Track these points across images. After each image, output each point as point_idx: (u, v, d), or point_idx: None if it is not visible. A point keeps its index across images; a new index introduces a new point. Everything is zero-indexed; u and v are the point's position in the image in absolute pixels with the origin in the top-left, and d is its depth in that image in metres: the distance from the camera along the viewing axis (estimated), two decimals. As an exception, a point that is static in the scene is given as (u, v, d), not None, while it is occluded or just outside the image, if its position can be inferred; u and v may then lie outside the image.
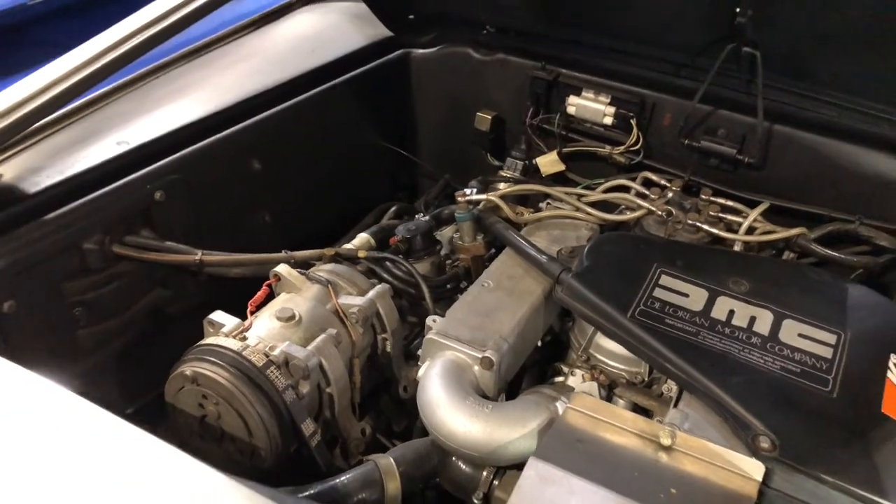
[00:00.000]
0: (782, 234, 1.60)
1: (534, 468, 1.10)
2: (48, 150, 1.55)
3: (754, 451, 1.14)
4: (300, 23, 2.26)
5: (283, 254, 1.54)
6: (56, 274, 1.46)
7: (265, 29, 2.21)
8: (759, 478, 1.11)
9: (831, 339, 1.32)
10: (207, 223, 1.70)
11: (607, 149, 1.91)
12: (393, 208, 1.94)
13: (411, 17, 2.09)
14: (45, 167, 1.49)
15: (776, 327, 1.34)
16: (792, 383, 1.25)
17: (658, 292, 1.39)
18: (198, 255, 1.54)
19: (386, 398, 1.51)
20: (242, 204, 1.80)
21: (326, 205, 2.00)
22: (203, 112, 1.70)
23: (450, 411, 1.23)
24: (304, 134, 1.91)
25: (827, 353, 1.30)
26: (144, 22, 1.60)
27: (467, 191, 1.67)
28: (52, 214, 1.43)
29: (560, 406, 1.25)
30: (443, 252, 1.71)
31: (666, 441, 1.15)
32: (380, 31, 2.15)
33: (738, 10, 1.53)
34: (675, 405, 1.26)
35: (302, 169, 1.93)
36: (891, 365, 1.29)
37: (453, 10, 2.04)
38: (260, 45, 2.10)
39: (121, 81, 1.81)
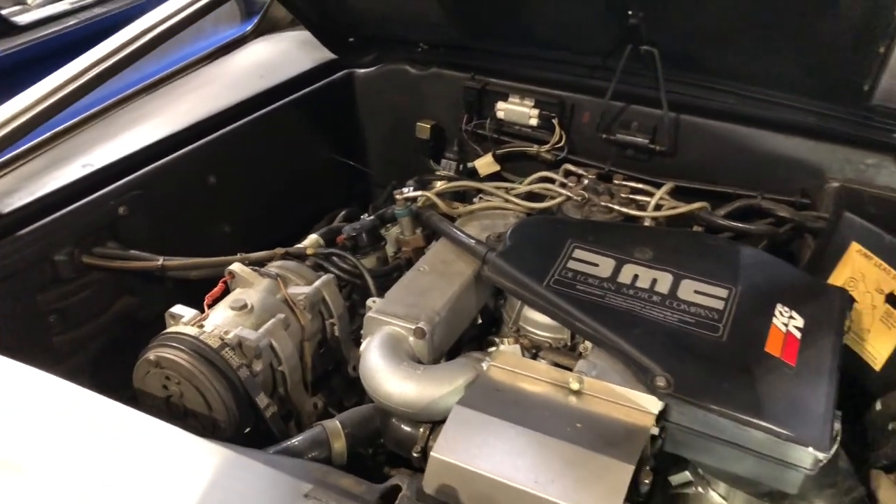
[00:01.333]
0: (684, 208, 1.79)
1: (457, 413, 1.27)
2: (19, 177, 1.71)
3: (652, 390, 1.30)
4: (252, 52, 2.45)
5: (238, 255, 1.70)
6: (31, 284, 1.62)
7: (220, 60, 2.39)
8: (656, 412, 1.28)
9: (723, 293, 1.49)
10: (169, 235, 1.85)
11: (535, 148, 2.10)
12: (342, 213, 2.11)
13: (352, 39, 2.27)
14: (16, 190, 1.65)
15: (675, 287, 1.51)
16: (687, 332, 1.41)
17: (571, 264, 1.56)
18: (160, 260, 1.70)
19: (337, 378, 1.67)
20: (201, 216, 1.96)
21: (282, 215, 2.17)
22: (161, 134, 1.87)
23: (386, 375, 1.39)
24: (256, 150, 2.07)
25: (719, 305, 1.47)
26: (104, 54, 1.79)
27: (405, 189, 1.85)
28: (24, 230, 1.59)
29: (485, 365, 1.41)
30: (389, 248, 1.88)
31: (575, 386, 1.31)
32: (325, 54, 2.34)
33: (629, 12, 1.72)
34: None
35: (257, 182, 2.09)
36: (776, 312, 1.47)
37: (390, 32, 2.23)
38: (214, 74, 2.28)
39: (85, 115, 1.97)
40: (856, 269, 1.73)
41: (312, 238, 1.81)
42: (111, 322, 1.78)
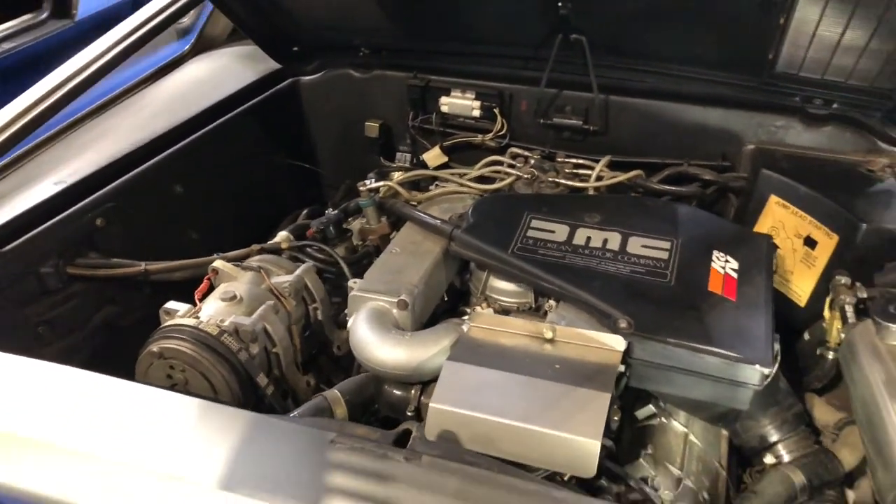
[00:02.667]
0: (623, 177, 1.98)
1: (448, 367, 1.41)
2: None
3: (616, 332, 1.47)
4: (196, 69, 2.53)
5: (216, 255, 1.80)
6: (20, 298, 1.68)
7: (163, 79, 2.46)
8: (622, 349, 1.44)
9: (666, 245, 1.68)
10: (143, 243, 1.93)
11: (480, 137, 2.26)
12: (304, 212, 2.22)
13: (296, 49, 2.39)
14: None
15: (624, 244, 1.69)
16: (639, 280, 1.59)
17: (530, 233, 1.73)
18: (142, 265, 1.79)
19: (324, 358, 1.78)
20: (171, 224, 2.05)
21: (244, 219, 2.26)
22: (126, 149, 1.95)
23: (378, 344, 1.53)
24: (215, 160, 2.16)
25: (664, 255, 1.66)
26: (64, 77, 1.86)
27: (367, 181, 1.98)
28: (9, 246, 1.66)
29: (466, 327, 1.55)
30: (354, 240, 2.00)
31: (548, 335, 1.47)
32: (268, 66, 2.45)
33: (559, 4, 1.89)
34: (554, 313, 1.59)
35: (219, 190, 2.19)
36: (714, 257, 1.66)
37: (332, 39, 2.36)
38: (164, 91, 2.35)
39: (43, 136, 2.03)
40: (776, 219, 1.95)
41: (283, 234, 1.92)
42: (96, 330, 1.85)
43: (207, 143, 2.14)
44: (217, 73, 2.44)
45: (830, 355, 1.67)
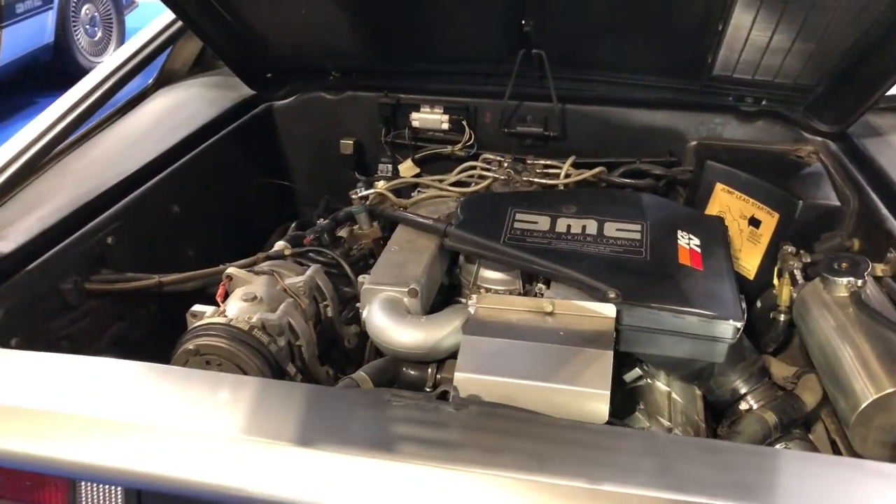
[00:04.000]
0: (588, 173, 2.22)
1: (466, 341, 1.57)
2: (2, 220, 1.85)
3: (606, 302, 1.67)
4: (167, 100, 2.62)
5: (225, 265, 1.92)
6: (44, 314, 1.76)
7: (135, 111, 2.54)
8: (614, 315, 1.64)
9: (638, 227, 1.90)
10: (147, 260, 2.03)
11: (449, 148, 2.46)
12: (293, 224, 2.36)
13: (269, 75, 2.53)
14: (8, 232, 1.79)
15: (601, 229, 1.90)
16: (620, 258, 1.80)
17: (517, 224, 1.92)
18: (156, 278, 1.89)
19: (336, 352, 1.92)
20: (171, 242, 2.15)
21: (232, 237, 2.38)
22: (126, 172, 2.04)
23: (396, 329, 1.68)
24: (203, 182, 2.27)
25: (637, 236, 1.87)
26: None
27: (358, 190, 2.14)
28: (32, 265, 1.74)
29: (472, 308, 1.72)
30: (347, 245, 2.15)
31: (548, 308, 1.65)
32: (240, 92, 2.58)
33: (523, 22, 2.11)
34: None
35: (209, 210, 2.30)
36: (679, 236, 1.89)
37: (304, 64, 2.51)
38: (141, 121, 2.44)
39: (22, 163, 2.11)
40: (723, 204, 2.21)
41: (281, 243, 2.06)
42: (108, 345, 1.93)
43: (195, 167, 2.25)
44: (191, 102, 2.55)
45: (782, 317, 1.92)
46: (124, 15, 7.28)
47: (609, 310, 1.64)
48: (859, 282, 1.69)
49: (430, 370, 1.72)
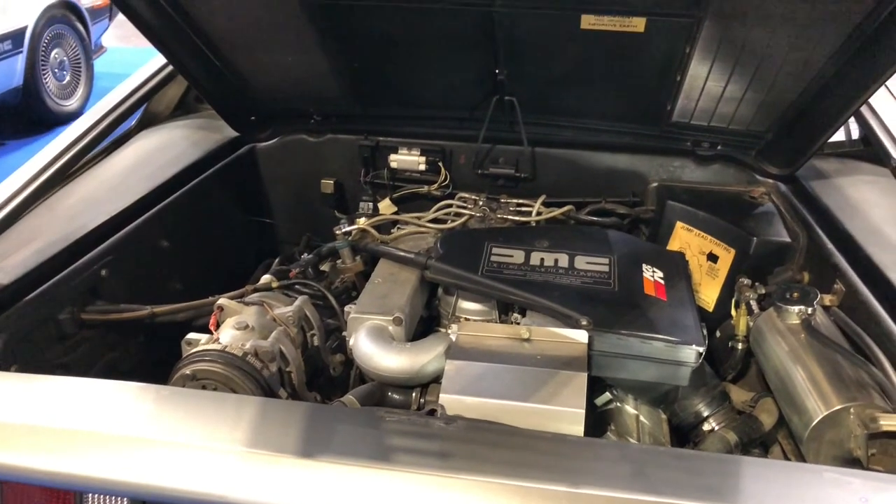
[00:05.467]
0: (558, 211, 2.36)
1: (451, 365, 1.68)
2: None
3: (579, 329, 1.79)
4: (152, 141, 2.71)
5: (214, 297, 2.00)
6: (42, 342, 1.83)
7: (119, 151, 2.63)
8: (586, 341, 1.77)
9: (606, 261, 2.04)
10: (138, 292, 2.11)
11: (426, 188, 2.59)
12: (276, 259, 2.45)
13: (253, 118, 2.65)
14: (6, 264, 1.86)
15: (572, 262, 2.03)
16: (590, 289, 1.93)
17: (493, 258, 2.04)
18: (149, 309, 1.97)
19: (321, 379, 2.01)
20: (160, 275, 2.23)
21: (215, 272, 2.45)
22: (118, 208, 2.13)
23: (383, 355, 1.79)
24: (189, 219, 2.36)
25: (606, 269, 2.01)
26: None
27: (341, 226, 2.25)
28: (31, 295, 1.81)
29: (453, 336, 1.82)
30: (331, 278, 2.25)
31: (525, 335, 1.77)
32: (223, 134, 2.68)
33: (497, 71, 2.27)
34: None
35: (195, 246, 2.38)
36: (644, 269, 2.03)
37: (287, 108, 2.63)
38: (126, 160, 2.52)
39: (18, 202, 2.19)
40: (683, 241, 2.36)
41: (267, 277, 2.15)
42: (102, 373, 2.00)
43: (183, 204, 2.34)
44: (177, 143, 2.64)
45: (740, 346, 2.07)
46: (93, 59, 7.34)
47: (581, 336, 1.77)
48: (809, 310, 1.84)
49: (414, 394, 1.81)
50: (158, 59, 2.55)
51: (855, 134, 2.50)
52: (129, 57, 7.29)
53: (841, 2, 1.72)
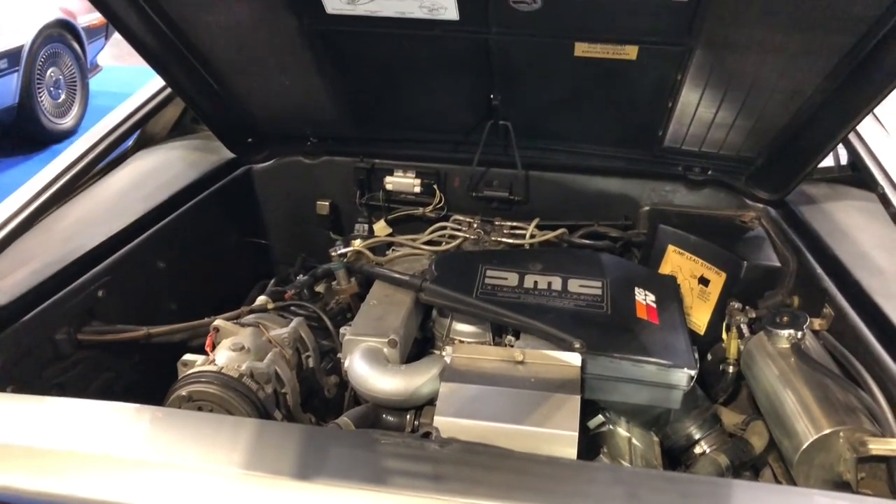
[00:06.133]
0: (551, 234, 2.39)
1: (445, 387, 1.69)
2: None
3: (572, 352, 1.81)
4: (149, 161, 2.72)
5: (210, 318, 2.02)
6: (39, 362, 1.84)
7: (116, 171, 2.64)
8: (579, 364, 1.78)
9: (599, 284, 2.06)
10: (134, 313, 2.12)
11: (421, 210, 2.62)
12: (271, 281, 2.46)
13: (250, 140, 2.67)
14: (4, 285, 1.87)
15: (565, 285, 2.05)
16: (583, 312, 1.96)
17: (487, 280, 2.06)
18: (145, 330, 1.98)
19: (316, 401, 2.02)
20: (156, 296, 2.24)
21: (211, 292, 2.46)
22: (115, 229, 2.14)
23: (378, 377, 1.80)
24: (186, 239, 2.38)
25: (599, 292, 2.03)
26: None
27: (337, 248, 2.27)
28: (28, 315, 1.82)
29: (447, 359, 1.84)
30: (326, 300, 2.27)
31: (519, 357, 1.79)
32: (221, 155, 2.70)
33: (492, 96, 2.30)
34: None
35: (191, 266, 2.40)
36: (636, 292, 2.05)
37: (284, 130, 2.66)
38: (123, 180, 2.53)
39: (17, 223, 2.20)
40: (674, 265, 2.39)
41: (263, 298, 2.16)
42: (96, 393, 2.00)
43: (179, 225, 2.36)
44: (173, 164, 2.66)
45: (731, 369, 2.09)
46: (88, 78, 7.37)
47: (575, 359, 1.78)
48: (799, 334, 1.87)
49: (408, 416, 1.82)
50: (156, 82, 2.58)
51: (844, 159, 2.54)
52: (124, 76, 7.34)
53: (828, 34, 1.76)
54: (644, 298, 2.04)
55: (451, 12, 1.94)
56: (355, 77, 2.35)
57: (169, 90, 2.55)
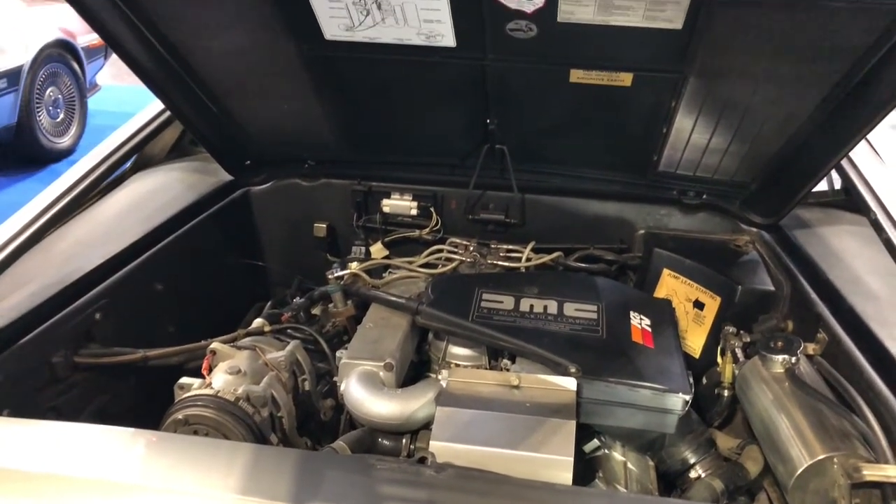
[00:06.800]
0: (547, 258, 2.40)
1: (441, 412, 1.70)
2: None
3: (567, 376, 1.82)
4: (147, 183, 2.74)
5: (206, 341, 2.02)
6: (35, 385, 1.84)
7: (114, 193, 2.66)
8: (575, 388, 1.79)
9: (594, 308, 2.07)
10: (132, 336, 2.12)
11: (417, 232, 2.63)
12: (268, 304, 2.47)
13: (248, 162, 2.69)
14: (1, 308, 1.88)
15: (561, 308, 2.06)
16: (579, 336, 1.97)
17: (483, 304, 2.07)
18: (141, 353, 1.99)
19: (312, 424, 2.02)
20: (153, 318, 2.25)
21: (208, 315, 2.46)
22: (113, 251, 2.15)
23: (374, 401, 1.80)
24: (183, 261, 2.39)
25: (594, 316, 2.04)
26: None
27: (334, 271, 2.28)
28: (25, 338, 1.82)
29: (443, 382, 1.85)
30: (322, 322, 2.27)
31: (515, 382, 1.80)
32: (219, 177, 2.72)
33: (488, 120, 2.32)
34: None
35: (189, 288, 2.40)
36: (632, 316, 2.06)
37: (281, 153, 2.68)
38: (121, 202, 2.54)
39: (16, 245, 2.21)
40: (669, 288, 2.40)
41: (259, 321, 2.17)
42: (91, 418, 2.00)
43: (177, 248, 2.36)
44: (171, 186, 2.67)
45: (725, 393, 2.09)
46: (87, 97, 7.40)
47: (570, 383, 1.79)
48: (793, 359, 1.88)
49: (404, 440, 1.83)
50: (155, 105, 2.59)
51: (837, 183, 2.56)
52: (123, 95, 7.39)
53: (819, 63, 1.79)
54: (639, 322, 2.05)
55: (448, 39, 1.96)
56: (353, 101, 2.37)
57: (168, 113, 2.56)
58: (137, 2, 2.01)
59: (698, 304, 2.31)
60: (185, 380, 1.83)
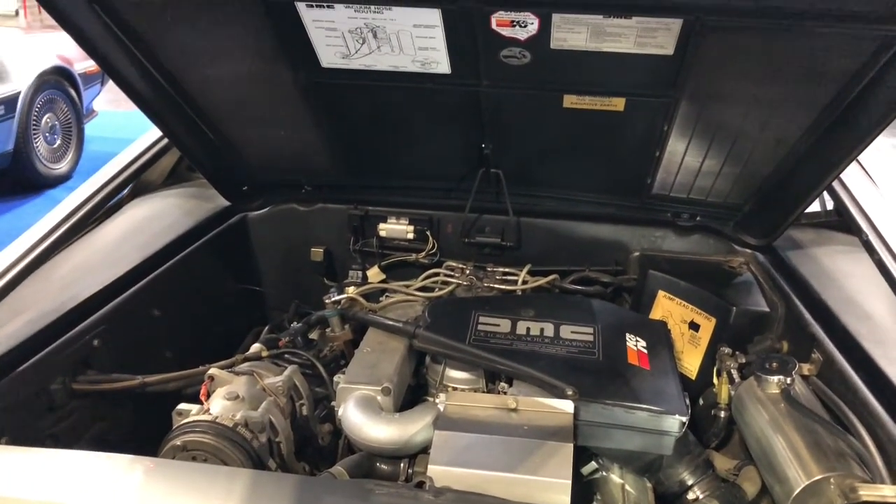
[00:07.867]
0: (543, 280, 2.42)
1: (439, 436, 1.70)
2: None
3: (565, 398, 1.83)
4: (144, 209, 2.75)
5: (204, 367, 2.03)
6: (33, 412, 1.84)
7: (112, 220, 2.67)
8: (572, 411, 1.80)
9: (590, 330, 2.08)
10: (130, 362, 2.12)
11: (414, 256, 2.65)
12: (266, 328, 2.48)
13: (245, 188, 2.71)
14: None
15: (557, 331, 2.08)
16: (575, 358, 1.98)
17: (480, 327, 2.09)
18: (139, 379, 1.99)
19: (310, 449, 2.02)
20: (151, 344, 2.25)
21: (206, 340, 2.47)
22: (110, 278, 2.16)
23: (371, 425, 1.81)
24: (181, 287, 2.39)
25: (590, 338, 2.05)
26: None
27: (331, 295, 2.29)
28: (24, 366, 1.83)
29: (441, 406, 1.85)
30: (320, 347, 2.28)
31: (512, 405, 1.80)
32: (216, 203, 2.73)
33: (483, 145, 2.35)
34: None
35: (187, 314, 2.41)
36: (627, 338, 2.08)
37: (278, 178, 2.70)
38: (119, 229, 2.56)
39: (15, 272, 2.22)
40: (665, 310, 2.42)
41: (257, 346, 2.18)
42: (89, 445, 2.00)
43: (175, 274, 2.37)
44: (169, 212, 2.68)
45: (722, 414, 2.10)
46: (84, 123, 7.43)
47: (567, 406, 1.80)
48: (788, 379, 1.89)
49: (402, 465, 1.83)
50: (153, 133, 2.61)
51: (829, 204, 2.59)
52: (119, 121, 7.40)
53: (808, 87, 1.82)
54: (635, 344, 2.06)
55: (443, 66, 1.99)
56: (350, 127, 2.40)
57: (165, 140, 2.58)
58: (135, 30, 2.03)
59: (693, 326, 2.33)
60: (183, 406, 1.84)
